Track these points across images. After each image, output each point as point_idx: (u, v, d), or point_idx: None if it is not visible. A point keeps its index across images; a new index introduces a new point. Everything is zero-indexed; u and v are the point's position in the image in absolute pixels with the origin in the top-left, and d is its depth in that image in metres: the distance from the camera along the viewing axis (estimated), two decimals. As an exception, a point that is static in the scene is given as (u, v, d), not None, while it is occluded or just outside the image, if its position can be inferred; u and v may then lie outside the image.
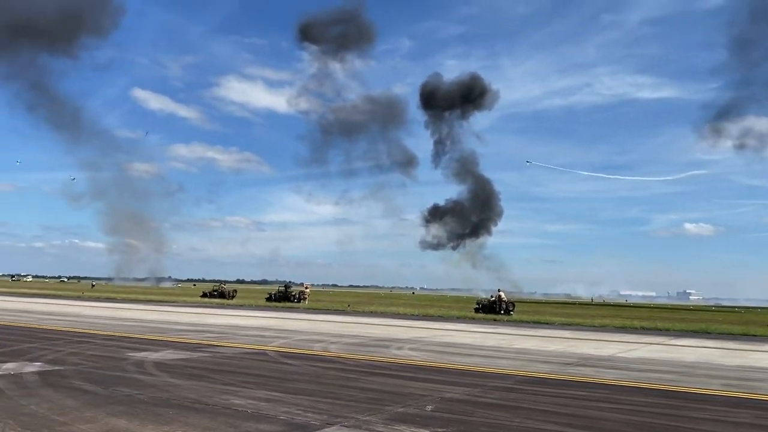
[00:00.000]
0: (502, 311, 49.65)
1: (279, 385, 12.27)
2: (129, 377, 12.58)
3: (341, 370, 14.87)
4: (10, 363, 13.79)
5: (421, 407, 10.32)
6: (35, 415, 8.75)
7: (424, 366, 16.11)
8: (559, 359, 18.75)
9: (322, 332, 26.34)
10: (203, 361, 15.78)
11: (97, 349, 17.46)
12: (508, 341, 25.26)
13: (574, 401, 11.52)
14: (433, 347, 21.41)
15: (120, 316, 33.52)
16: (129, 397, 10.36)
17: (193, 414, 9.16)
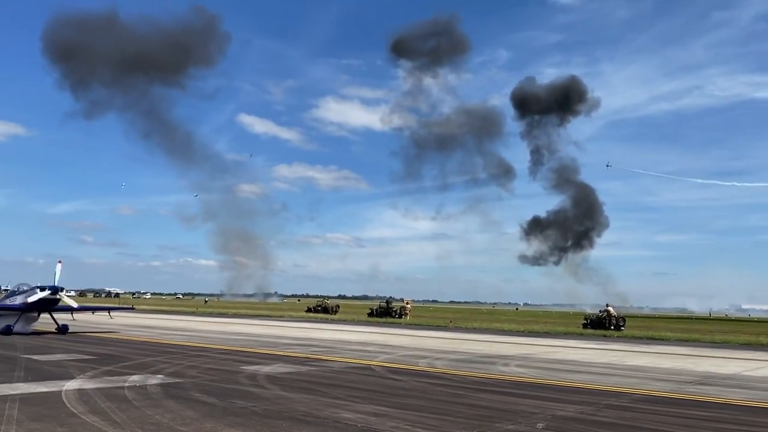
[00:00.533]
0: (612, 327, 47.62)
1: (386, 399, 12.35)
2: (243, 390, 13.08)
3: (448, 386, 14.76)
4: (135, 375, 14.70)
5: (532, 425, 10.05)
6: (160, 424, 9.27)
7: (533, 383, 15.71)
8: (677, 377, 17.72)
9: (426, 348, 26.30)
10: (312, 374, 16.16)
11: (213, 362, 18.29)
12: (619, 358, 24.18)
13: (699, 422, 10.83)
14: (540, 364, 20.84)
15: (232, 331, 34.98)
16: (244, 409, 10.76)
17: (305, 427, 9.38)
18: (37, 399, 11.19)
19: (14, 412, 9.85)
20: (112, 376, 14.41)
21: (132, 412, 10.16)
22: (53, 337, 26.54)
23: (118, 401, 11.09)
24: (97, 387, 12.67)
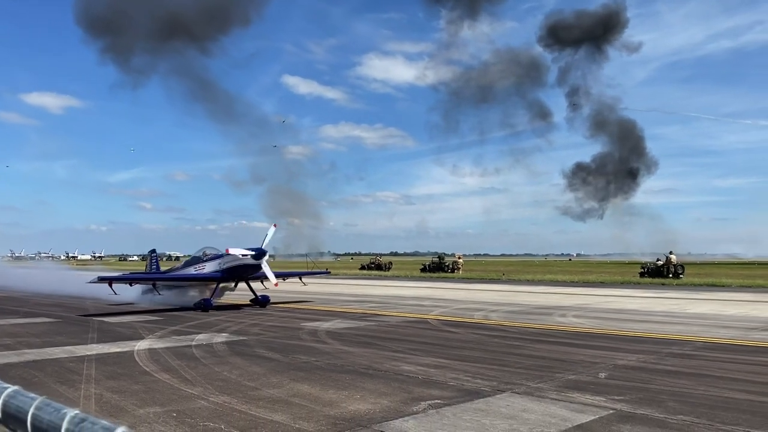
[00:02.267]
0: (671, 275, 46.68)
1: (444, 352, 12.50)
2: (305, 345, 13.44)
3: (504, 337, 14.83)
4: (201, 334, 15.26)
5: (594, 374, 10.03)
6: (228, 380, 9.64)
7: (592, 333, 15.62)
8: (742, 324, 17.32)
9: (480, 301, 26.38)
10: (370, 329, 16.45)
11: (274, 320, 18.80)
12: (680, 306, 23.75)
13: (766, 368, 10.60)
14: (598, 314, 20.66)
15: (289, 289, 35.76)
16: (307, 364, 11.08)
17: (367, 380, 9.60)
18: (111, 359, 11.76)
19: (92, 372, 10.40)
20: (179, 336, 14.99)
21: (201, 369, 10.59)
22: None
23: (187, 359, 11.56)
24: (166, 346, 13.23)
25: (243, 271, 22.50)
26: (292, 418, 7.30)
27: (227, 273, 22.43)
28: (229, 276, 22.62)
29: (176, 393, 8.70)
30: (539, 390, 8.85)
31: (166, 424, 7.02)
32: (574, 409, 7.70)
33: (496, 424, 7.01)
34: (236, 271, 22.45)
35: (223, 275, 22.48)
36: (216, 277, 22.55)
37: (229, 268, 22.37)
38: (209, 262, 23.20)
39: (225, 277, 22.58)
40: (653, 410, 7.63)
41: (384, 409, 7.69)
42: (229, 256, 21.98)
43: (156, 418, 7.28)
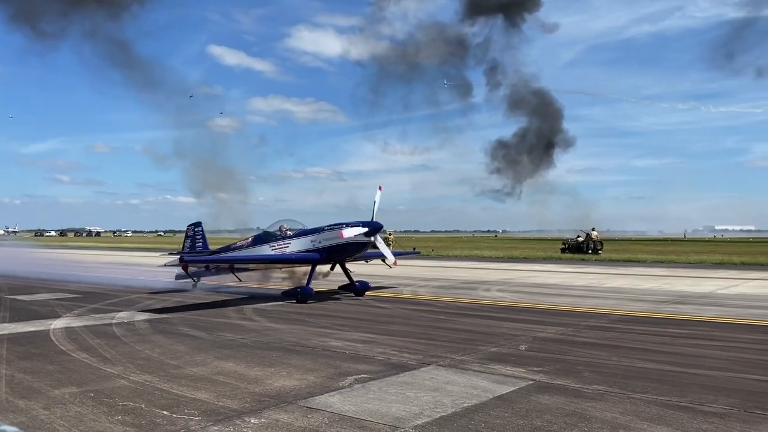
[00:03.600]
0: (590, 251, 48.63)
1: (373, 327, 12.61)
2: (231, 323, 13.25)
3: (432, 312, 15.08)
4: (122, 312, 14.80)
5: (515, 347, 10.36)
6: (150, 359, 9.40)
7: (514, 306, 16.10)
8: (655, 297, 18.26)
9: (409, 276, 26.69)
10: (298, 306, 16.37)
11: (198, 297, 18.43)
12: (598, 280, 24.78)
13: (674, 339, 11.24)
14: (521, 288, 21.31)
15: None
16: (233, 341, 10.94)
17: (294, 356, 9.57)
18: (24, 338, 11.24)
19: (2, 352, 9.91)
20: (99, 314, 14.49)
21: (121, 348, 10.27)
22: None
23: (106, 338, 11.19)
24: (85, 325, 12.75)
25: (349, 250, 18.06)
26: (216, 395, 7.20)
27: (327, 253, 17.98)
28: (328, 256, 18.15)
29: (94, 373, 8.41)
30: (463, 362, 9.07)
31: (82, 405, 6.78)
32: (496, 381, 7.93)
33: (420, 397, 7.14)
34: (339, 251, 17.97)
35: (321, 256, 18.02)
36: (314, 258, 18.01)
37: (329, 248, 17.86)
38: (296, 239, 18.65)
39: (323, 258, 18.13)
40: (570, 381, 7.95)
41: (310, 385, 7.69)
42: (328, 232, 17.90)
43: (72, 399, 7.02)
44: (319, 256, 17.96)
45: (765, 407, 6.73)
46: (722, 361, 9.24)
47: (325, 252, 17.93)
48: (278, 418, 6.31)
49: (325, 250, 17.93)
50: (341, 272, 19.21)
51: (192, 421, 6.22)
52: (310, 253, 18.08)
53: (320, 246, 17.99)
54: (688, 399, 7.06)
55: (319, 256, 17.98)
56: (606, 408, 6.70)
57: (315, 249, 18.04)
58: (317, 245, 18.03)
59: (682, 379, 8.06)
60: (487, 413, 6.50)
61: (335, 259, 18.49)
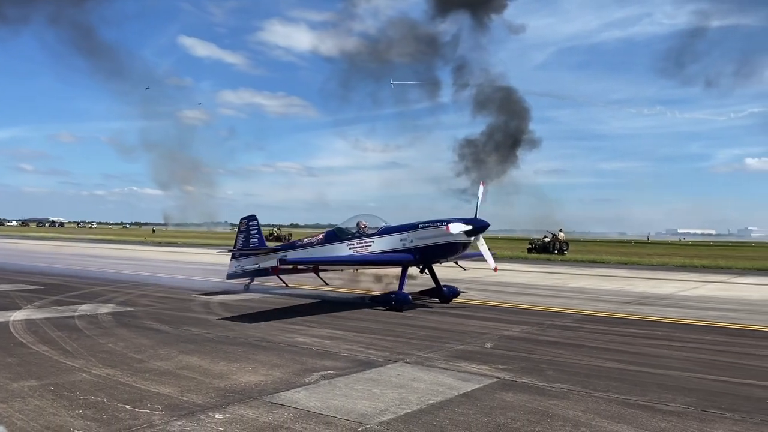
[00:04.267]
0: (556, 251, 49.29)
1: (340, 323, 12.60)
2: (197, 317, 13.12)
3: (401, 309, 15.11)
4: (85, 305, 14.53)
5: (481, 345, 10.46)
6: (113, 352, 9.25)
7: (480, 305, 16.25)
8: (617, 298, 18.60)
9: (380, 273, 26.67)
10: (266, 301, 16.28)
11: (164, 291, 18.20)
12: (563, 280, 25.15)
13: (636, 339, 11.47)
14: (488, 286, 21.53)
15: (182, 260, 34.76)
16: (198, 336, 10.83)
17: (260, 352, 9.52)
18: (-17, 330, 10.97)
19: (-40, 344, 9.66)
20: (61, 306, 14.20)
21: (84, 341, 10.09)
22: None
23: (68, 330, 10.98)
24: (46, 317, 12.50)
25: (447, 251, 15.96)
26: (180, 390, 7.12)
27: (420, 254, 15.87)
28: (422, 257, 16.02)
29: (55, 366, 8.25)
30: (429, 360, 9.13)
31: (42, 399, 6.65)
32: (461, 378, 8.00)
33: (386, 393, 7.17)
34: (436, 252, 15.91)
35: (414, 257, 15.90)
36: (407, 259, 15.86)
37: (424, 248, 15.79)
38: (381, 237, 16.52)
39: (416, 260, 16.02)
40: (534, 379, 8.06)
41: (276, 381, 7.66)
42: (425, 230, 15.80)
43: (32, 393, 6.88)
44: (412, 257, 15.85)
45: (721, 406, 6.92)
46: (681, 362, 9.47)
47: (419, 252, 15.83)
48: (243, 414, 6.28)
49: (418, 251, 15.80)
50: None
51: (155, 416, 6.15)
52: (401, 254, 15.97)
53: (412, 246, 15.87)
54: (647, 398, 7.22)
55: (412, 257, 15.86)
56: (568, 406, 6.82)
57: (406, 249, 15.94)
58: (408, 244, 15.95)
59: (642, 379, 8.24)
60: (452, 410, 6.56)
61: (428, 261, 16.39)
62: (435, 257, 16.27)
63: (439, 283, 16.93)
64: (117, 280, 21.16)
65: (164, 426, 5.86)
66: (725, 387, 7.92)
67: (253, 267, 18.60)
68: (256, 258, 18.64)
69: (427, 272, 16.87)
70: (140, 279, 21.49)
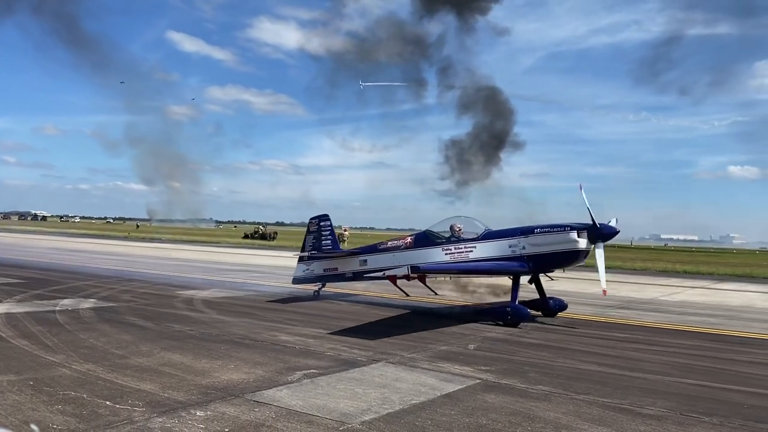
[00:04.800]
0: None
1: (325, 323, 12.58)
2: (179, 314, 13.04)
3: (383, 309, 15.13)
4: (67, 299, 14.39)
5: (464, 346, 10.49)
6: (95, 348, 9.17)
7: (463, 305, 16.27)
8: (600, 302, 18.71)
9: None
10: (249, 299, 16.22)
11: (147, 287, 18.07)
12: (547, 284, 25.22)
13: (617, 343, 11.56)
14: (473, 288, 21.53)
15: (166, 256, 34.55)
16: (181, 333, 10.76)
17: (243, 349, 9.48)
18: (-38, 323, 10.83)
19: (-62, 337, 9.53)
20: (42, 300, 14.06)
21: (64, 336, 10.00)
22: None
23: (49, 325, 10.87)
24: (27, 311, 12.36)
25: (564, 260, 14.26)
26: (161, 387, 7.08)
27: (534, 262, 14.22)
28: (535, 266, 14.40)
29: (35, 360, 8.17)
30: (412, 360, 9.14)
31: (21, 394, 6.58)
32: (444, 379, 8.02)
33: (368, 393, 7.17)
34: (552, 260, 14.25)
35: (527, 266, 14.24)
36: (520, 269, 14.19)
37: (539, 256, 14.10)
38: (484, 242, 14.80)
39: (529, 269, 14.41)
40: (516, 380, 8.10)
41: (258, 379, 7.63)
42: (543, 236, 14.07)
43: (10, 387, 6.80)
44: (525, 266, 14.18)
45: (699, 410, 6.99)
46: (661, 366, 9.56)
47: (532, 261, 14.17)
48: (225, 411, 6.25)
49: (531, 259, 14.15)
50: None
51: (136, 412, 6.10)
52: (512, 262, 14.24)
53: (524, 253, 14.19)
54: (628, 401, 7.28)
55: (525, 266, 14.20)
56: (550, 408, 6.86)
57: (517, 256, 14.25)
58: (519, 251, 14.25)
59: (623, 382, 8.31)
60: (434, 410, 6.58)
61: (540, 270, 14.83)
62: (549, 266, 14.75)
63: (545, 294, 15.38)
64: (99, 275, 20.98)
65: (145, 422, 5.83)
66: (704, 391, 8.01)
67: (326, 271, 17.21)
68: (331, 261, 17.22)
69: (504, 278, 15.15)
70: (123, 275, 21.33)
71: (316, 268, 17.45)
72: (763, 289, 26.71)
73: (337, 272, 16.93)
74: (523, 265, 14.17)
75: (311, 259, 17.63)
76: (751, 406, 7.37)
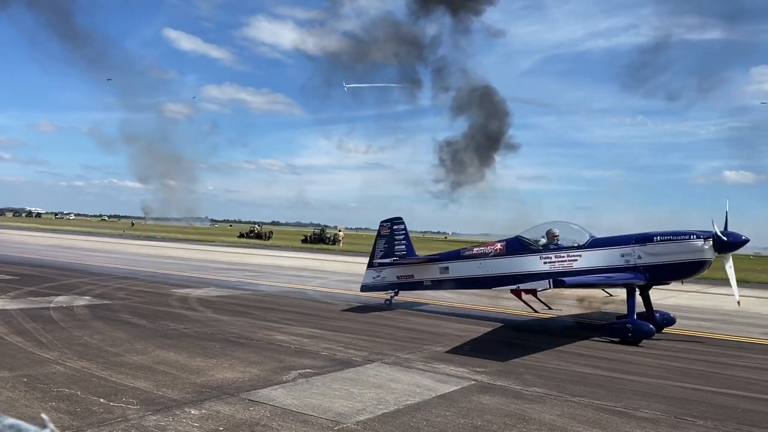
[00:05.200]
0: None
1: (319, 322, 12.57)
2: (174, 312, 13.01)
3: (379, 309, 15.13)
4: (61, 296, 14.35)
5: (459, 347, 10.48)
6: (89, 345, 9.14)
7: (461, 307, 16.29)
8: (595, 304, 18.73)
9: (358, 273, 26.65)
10: (245, 298, 16.20)
11: (142, 285, 18.03)
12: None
13: (612, 346, 11.58)
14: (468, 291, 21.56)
15: (161, 254, 34.46)
16: (176, 331, 10.74)
17: (238, 348, 9.46)
18: (-45, 319, 10.79)
19: (-69, 333, 9.49)
20: (37, 297, 14.01)
21: (59, 333, 9.97)
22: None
23: (43, 322, 10.84)
24: (21, 308, 12.32)
25: (687, 271, 13.15)
26: (156, 385, 7.06)
27: (651, 273, 12.93)
28: (652, 277, 13.03)
29: (29, 357, 8.14)
30: (408, 361, 9.14)
31: (14, 390, 6.55)
32: (439, 380, 8.02)
33: (363, 393, 7.16)
34: (673, 271, 13.10)
35: (644, 277, 12.90)
36: (637, 280, 12.82)
37: (658, 266, 12.88)
38: (591, 251, 13.57)
39: (646, 280, 13.00)
40: (511, 382, 8.11)
41: (253, 378, 7.62)
42: (661, 245, 12.81)
43: (4, 384, 6.78)
44: (642, 277, 12.84)
45: (693, 414, 7.01)
46: (655, 369, 9.58)
47: (649, 271, 12.87)
48: (219, 410, 6.24)
49: (648, 269, 12.86)
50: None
51: (130, 410, 6.09)
52: (627, 273, 12.93)
53: (640, 263, 12.91)
54: (622, 404, 7.29)
55: (642, 277, 12.85)
56: (544, 410, 6.86)
57: (631, 266, 12.98)
58: (634, 261, 12.97)
59: (618, 385, 8.32)
60: (429, 411, 6.58)
61: (656, 282, 13.44)
62: (667, 278, 13.52)
63: (652, 308, 13.92)
64: (94, 272, 20.92)
65: (139, 420, 5.81)
66: (698, 395, 8.03)
67: (399, 278, 16.12)
68: (406, 268, 16.15)
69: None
70: (118, 272, 21.27)
71: (388, 275, 16.33)
72: (758, 294, 26.79)
73: (413, 280, 15.84)
74: (639, 276, 12.85)
75: (381, 266, 16.53)
76: (744, 410, 7.39)
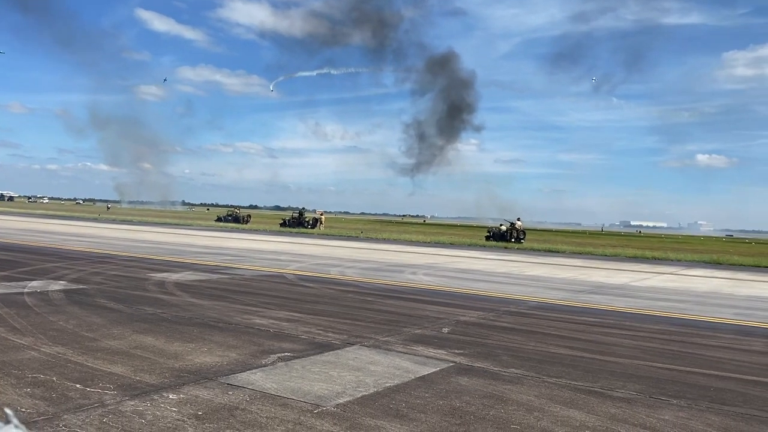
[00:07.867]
0: (513, 239, 50.03)
1: (298, 306, 12.55)
2: (151, 297, 12.89)
3: (358, 293, 15.15)
4: (35, 281, 14.13)
5: (438, 329, 10.55)
6: (64, 330, 9.02)
7: (439, 290, 16.38)
8: (571, 287, 18.98)
9: (337, 257, 26.69)
10: (223, 282, 16.10)
11: (118, 269, 17.82)
12: (519, 268, 25.52)
13: (588, 327, 11.74)
14: (446, 273, 21.70)
15: (138, 238, 34.09)
16: (153, 316, 10.65)
17: (216, 333, 9.41)
18: (-75, 305, 10.57)
19: None
20: (10, 282, 13.78)
21: (33, 318, 9.82)
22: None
23: (17, 307, 10.66)
24: (-7, 293, 12.11)
25: None
26: (133, 370, 6.99)
27: None
28: None
29: (2, 343, 8.00)
30: (387, 343, 9.17)
31: (-12, 377, 6.45)
32: (418, 362, 8.06)
33: (343, 376, 7.18)
34: None
35: None
36: None
37: None
38: None
39: None
40: (489, 363, 8.18)
41: (232, 362, 7.59)
42: None
43: (-24, 370, 6.66)
44: None
45: (668, 393, 7.14)
46: (631, 350, 9.73)
47: None
48: (198, 395, 6.21)
49: None
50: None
51: (107, 395, 6.03)
52: None
53: None
54: (598, 384, 7.40)
55: None
56: (522, 391, 6.94)
57: None
58: None
59: (594, 366, 8.44)
60: (409, 393, 6.61)
61: None
62: None
63: None
64: (69, 256, 20.63)
65: (116, 405, 5.76)
66: (672, 375, 8.18)
67: None
68: None
69: None
70: (94, 256, 21.00)
71: None
72: (729, 276, 27.33)
73: None
74: None
75: None
76: (717, 388, 7.55)
